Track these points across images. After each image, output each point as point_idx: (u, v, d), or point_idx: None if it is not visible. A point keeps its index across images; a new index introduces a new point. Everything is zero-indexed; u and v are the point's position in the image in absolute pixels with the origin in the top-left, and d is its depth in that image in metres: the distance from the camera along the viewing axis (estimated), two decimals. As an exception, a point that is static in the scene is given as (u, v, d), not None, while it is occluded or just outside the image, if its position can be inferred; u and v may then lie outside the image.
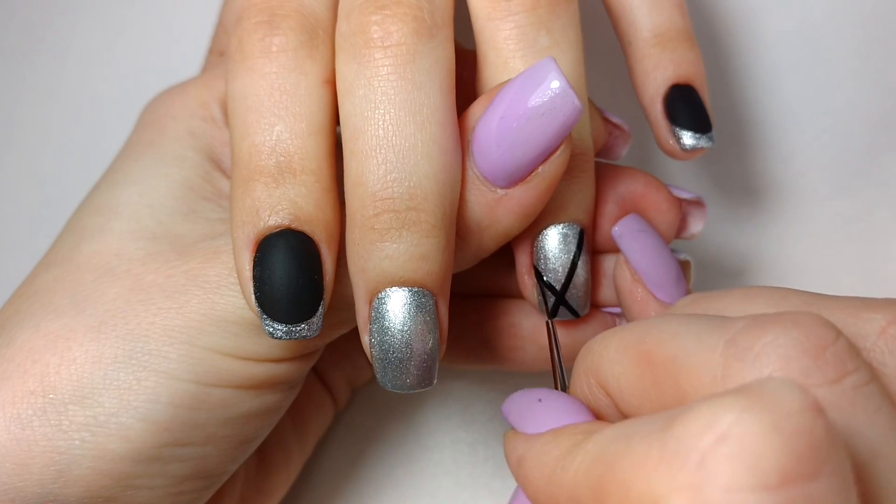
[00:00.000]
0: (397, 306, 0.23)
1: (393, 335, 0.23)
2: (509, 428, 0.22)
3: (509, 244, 0.27)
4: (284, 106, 0.24)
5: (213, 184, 0.28)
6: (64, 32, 0.38)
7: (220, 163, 0.28)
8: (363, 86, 0.23)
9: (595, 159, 0.27)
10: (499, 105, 0.24)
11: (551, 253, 0.26)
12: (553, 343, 0.26)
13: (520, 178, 0.24)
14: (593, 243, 0.28)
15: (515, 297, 0.30)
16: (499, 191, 0.24)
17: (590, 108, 0.28)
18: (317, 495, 0.34)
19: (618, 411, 0.21)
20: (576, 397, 0.22)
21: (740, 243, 0.36)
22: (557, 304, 0.27)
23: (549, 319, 0.27)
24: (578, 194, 0.26)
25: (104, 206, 0.27)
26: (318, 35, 0.25)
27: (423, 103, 0.23)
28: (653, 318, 0.20)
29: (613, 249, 0.28)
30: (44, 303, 0.25)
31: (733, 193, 0.36)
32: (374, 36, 0.23)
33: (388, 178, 0.23)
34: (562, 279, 0.26)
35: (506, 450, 0.22)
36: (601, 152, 0.29)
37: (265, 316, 0.23)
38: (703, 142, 0.28)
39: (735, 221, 0.36)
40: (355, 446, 0.35)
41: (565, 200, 0.26)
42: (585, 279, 0.27)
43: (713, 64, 0.34)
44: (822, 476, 0.15)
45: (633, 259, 0.27)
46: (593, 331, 0.28)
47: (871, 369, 0.18)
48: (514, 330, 0.30)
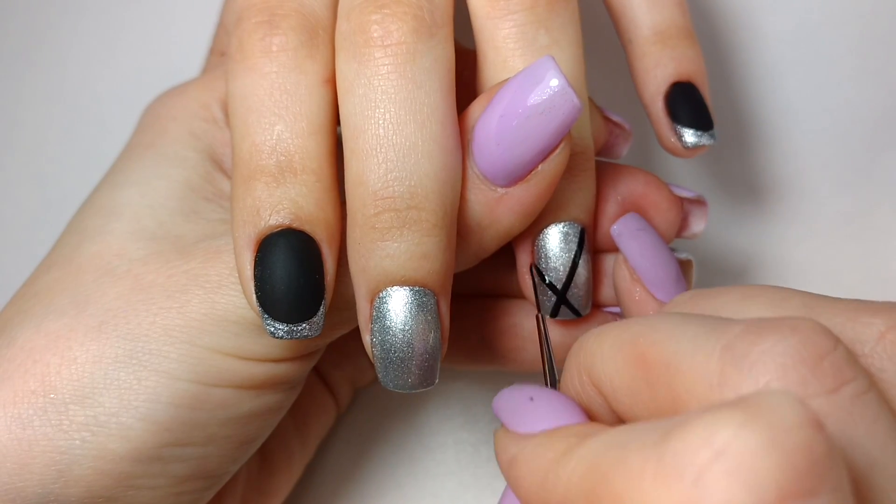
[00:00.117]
0: (398, 305, 0.23)
1: (394, 334, 0.23)
2: (499, 429, 0.22)
3: (510, 244, 0.27)
4: (285, 105, 0.24)
5: (214, 184, 0.28)
6: (64, 33, 0.38)
7: (221, 163, 0.28)
8: (363, 85, 0.23)
9: (596, 158, 0.27)
10: (498, 104, 0.24)
11: (552, 252, 0.26)
12: (543, 338, 0.26)
13: (520, 176, 0.24)
14: (594, 242, 0.28)
15: (517, 297, 0.30)
16: (499, 190, 0.24)
17: (590, 106, 0.27)
18: (319, 496, 0.34)
19: (610, 410, 0.21)
20: (568, 395, 0.22)
21: (741, 242, 0.36)
22: (559, 304, 0.27)
23: (540, 314, 0.27)
24: (579, 193, 0.26)
25: (105, 207, 0.27)
26: (319, 34, 0.25)
27: (423, 102, 0.23)
28: (648, 317, 0.20)
29: (614, 249, 0.28)
30: (45, 303, 0.25)
31: (734, 192, 0.36)
32: (375, 35, 0.23)
33: (389, 177, 0.23)
34: (563, 278, 0.26)
35: (496, 448, 0.21)
36: (602, 151, 0.29)
37: (266, 315, 0.23)
38: (705, 139, 0.28)
39: (736, 220, 0.36)
40: (357, 447, 0.35)
41: (566, 199, 0.26)
42: (587, 278, 0.27)
43: (714, 62, 0.34)
44: (820, 493, 0.15)
45: (632, 258, 0.27)
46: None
47: (870, 376, 0.18)
48: (515, 330, 0.30)
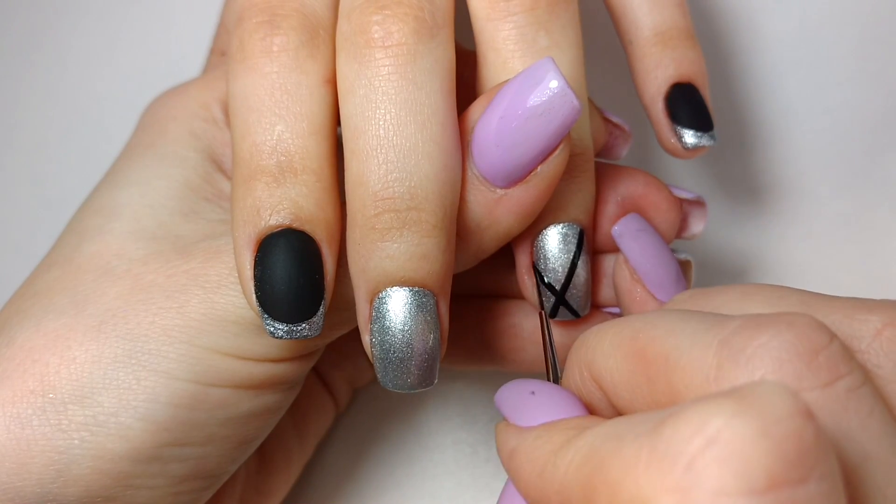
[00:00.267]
0: (398, 306, 0.23)
1: (394, 335, 0.23)
2: (501, 423, 0.22)
3: (510, 245, 0.27)
4: (285, 105, 0.24)
5: (213, 185, 0.28)
6: (64, 33, 0.38)
7: (221, 164, 0.28)
8: (364, 85, 0.23)
9: (595, 159, 0.27)
10: (498, 105, 0.24)
11: (551, 253, 0.26)
12: (546, 334, 0.26)
13: (519, 177, 0.24)
14: (594, 243, 0.28)
15: (516, 297, 0.30)
16: (498, 191, 0.24)
17: (590, 107, 0.28)
18: (317, 496, 0.34)
19: (610, 405, 0.21)
20: (569, 390, 0.22)
21: (741, 243, 0.36)
22: (557, 305, 0.27)
23: (542, 310, 0.27)
24: (578, 194, 0.26)
25: (105, 207, 0.27)
26: (319, 35, 0.25)
27: (423, 103, 0.23)
28: (648, 314, 0.20)
29: (614, 249, 0.28)
30: (44, 303, 0.25)
31: (734, 193, 0.36)
32: (375, 36, 0.23)
33: (389, 178, 0.23)
34: (562, 279, 0.26)
35: (497, 441, 0.22)
36: (601, 152, 0.29)
37: (266, 315, 0.23)
38: (705, 140, 0.28)
39: (736, 221, 0.36)
40: (356, 447, 0.35)
41: (565, 200, 0.26)
42: (586, 279, 0.27)
43: (714, 63, 0.34)
44: (810, 480, 0.15)
45: (633, 259, 0.27)
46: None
47: (865, 371, 0.18)
48: (514, 331, 0.30)
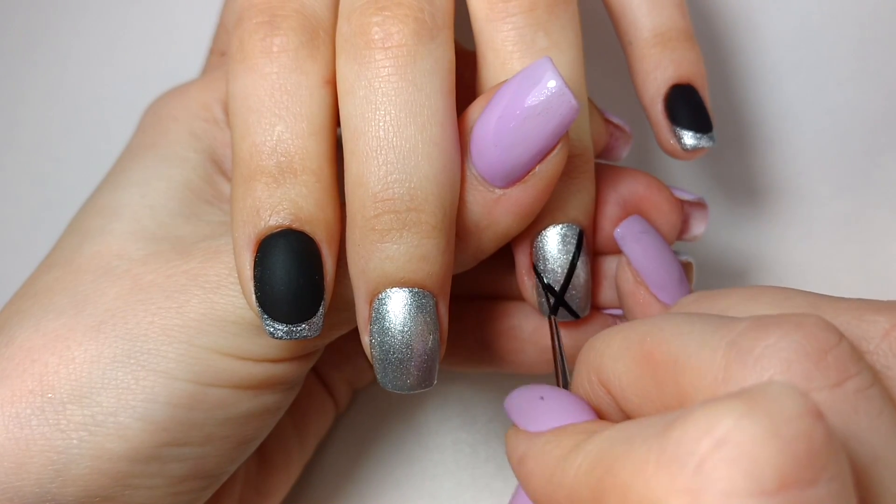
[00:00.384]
0: (398, 307, 0.23)
1: (393, 336, 0.23)
2: (510, 429, 0.22)
3: (509, 245, 0.27)
4: (285, 106, 0.24)
5: (214, 186, 0.28)
6: (64, 33, 0.38)
7: (222, 164, 0.28)
8: (364, 87, 0.23)
9: (596, 160, 0.27)
10: (496, 105, 0.24)
11: (550, 253, 0.26)
12: (555, 340, 0.26)
13: (517, 177, 0.24)
14: (594, 245, 0.28)
15: (516, 298, 0.30)
16: (497, 191, 0.24)
17: (590, 108, 0.28)
18: (317, 496, 0.34)
19: (619, 409, 0.21)
20: (578, 395, 0.22)
21: (741, 244, 0.36)
22: (557, 305, 0.27)
23: (552, 316, 0.27)
24: (578, 195, 0.26)
25: (106, 208, 0.27)
26: (319, 35, 0.25)
27: (423, 104, 0.23)
28: (655, 317, 0.20)
29: (615, 251, 0.28)
30: (44, 303, 0.25)
31: (734, 194, 0.36)
32: (375, 37, 0.23)
33: (389, 179, 0.23)
34: (561, 280, 0.26)
35: (507, 447, 0.22)
36: (602, 153, 0.29)
37: (266, 316, 0.23)
38: (704, 142, 0.28)
39: (736, 222, 0.36)
40: (356, 447, 0.35)
41: (564, 201, 0.26)
42: (585, 280, 0.27)
43: (713, 64, 0.34)
44: (820, 481, 0.15)
45: (636, 261, 0.27)
46: (594, 333, 0.28)
47: (874, 372, 0.18)
48: (514, 332, 0.30)
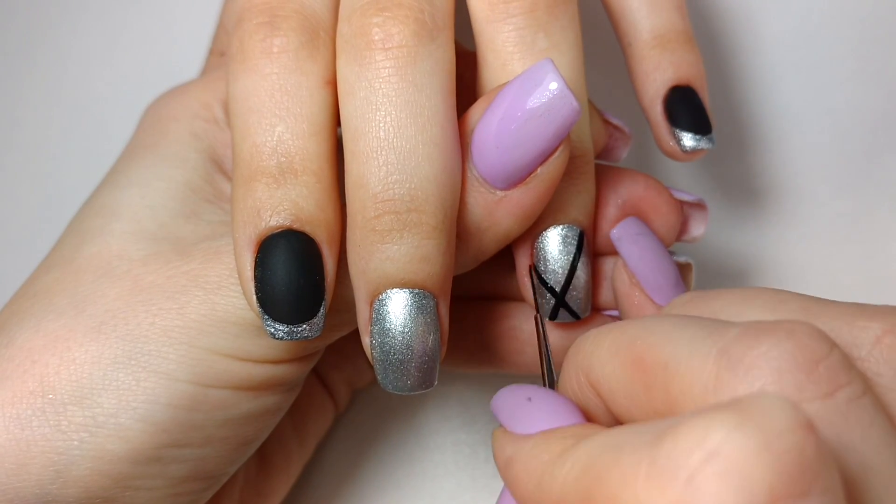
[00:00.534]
0: (398, 308, 0.23)
1: (394, 336, 0.23)
2: (497, 429, 0.22)
3: (510, 246, 0.27)
4: (286, 106, 0.24)
5: (214, 186, 0.28)
6: (64, 33, 0.38)
7: (222, 164, 0.28)
8: (364, 87, 0.23)
9: (595, 161, 0.27)
10: (498, 107, 0.24)
11: (551, 255, 0.26)
12: (542, 338, 0.26)
13: (519, 179, 0.24)
14: (594, 245, 0.28)
15: (516, 299, 0.30)
16: (498, 192, 0.24)
17: (590, 109, 0.27)
18: (317, 497, 0.34)
19: (607, 411, 0.21)
20: (565, 396, 0.22)
21: (741, 244, 0.36)
22: (557, 307, 0.27)
23: (537, 314, 0.27)
24: (578, 196, 0.26)
25: (106, 208, 0.27)
26: (319, 36, 0.25)
27: (423, 105, 0.23)
28: (646, 319, 0.20)
29: (614, 252, 0.28)
30: (44, 303, 0.25)
31: (733, 195, 0.36)
32: (376, 38, 0.23)
33: (390, 180, 0.23)
34: (562, 281, 0.26)
35: (494, 449, 0.21)
36: (601, 154, 0.29)
37: (266, 316, 0.23)
38: (704, 143, 0.28)
39: (735, 223, 0.36)
40: (356, 448, 0.35)
41: (565, 202, 0.26)
42: (586, 281, 0.27)
43: (713, 65, 0.34)
44: (811, 495, 0.15)
45: (632, 263, 0.27)
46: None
47: (866, 380, 0.18)
48: (514, 333, 0.30)
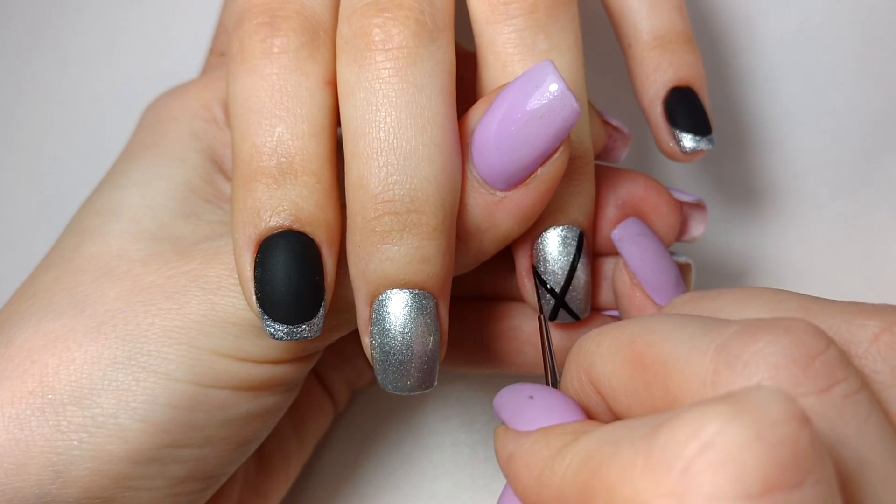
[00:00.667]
0: (398, 308, 0.23)
1: (394, 337, 0.23)
2: (499, 427, 0.22)
3: (510, 247, 0.27)
4: (286, 107, 0.24)
5: (214, 186, 0.28)
6: (64, 33, 0.38)
7: (222, 164, 0.28)
8: (364, 88, 0.23)
9: (595, 162, 0.27)
10: (498, 108, 0.24)
11: (551, 255, 0.26)
12: (545, 338, 0.26)
13: (519, 180, 0.24)
14: (594, 246, 0.28)
15: (516, 300, 0.30)
16: (498, 193, 0.24)
17: (589, 110, 0.28)
18: (316, 497, 0.34)
19: (609, 409, 0.21)
20: (567, 395, 0.22)
21: (740, 245, 0.36)
22: (557, 307, 0.27)
23: (541, 314, 0.27)
24: (578, 197, 0.26)
25: (105, 208, 0.27)
26: (320, 36, 0.25)
27: (424, 106, 0.23)
28: (646, 318, 0.20)
29: (614, 252, 0.28)
30: (43, 303, 0.25)
31: (733, 195, 0.36)
32: (376, 38, 0.23)
33: (390, 181, 0.23)
34: (561, 281, 0.26)
35: (496, 446, 0.22)
36: (601, 155, 0.29)
37: (266, 317, 0.23)
38: (703, 144, 0.28)
39: (735, 223, 0.36)
40: (355, 448, 0.35)
41: (565, 203, 0.26)
42: (586, 282, 0.27)
43: (713, 66, 0.34)
44: (805, 485, 0.15)
45: (632, 263, 0.27)
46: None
47: (863, 377, 0.18)
48: (514, 333, 0.30)
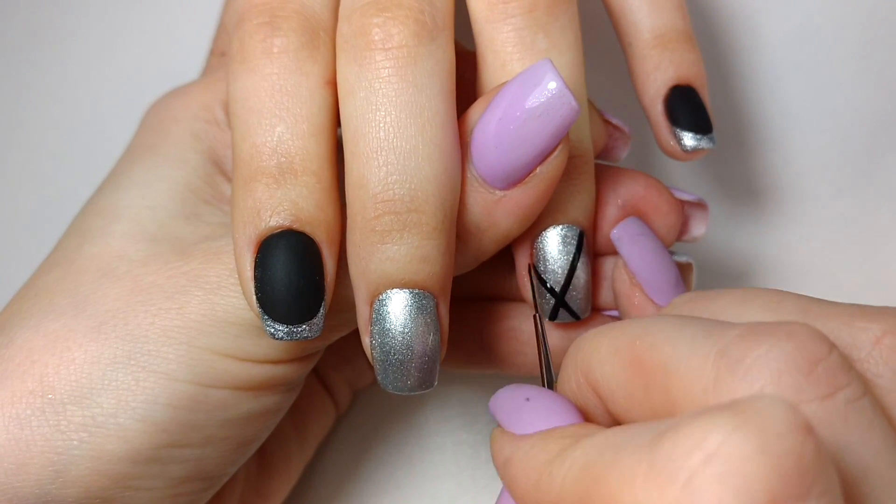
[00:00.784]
0: (398, 308, 0.23)
1: (394, 337, 0.23)
2: (495, 429, 0.22)
3: (510, 247, 0.27)
4: (286, 107, 0.24)
5: (214, 187, 0.28)
6: (65, 34, 0.38)
7: (223, 165, 0.28)
8: (364, 88, 0.23)
9: (595, 161, 0.27)
10: (497, 107, 0.24)
11: (551, 255, 0.26)
12: (540, 338, 0.26)
13: (518, 179, 0.24)
14: (594, 246, 0.28)
15: (516, 300, 0.30)
16: (497, 192, 0.24)
17: (590, 109, 0.27)
18: (318, 498, 0.34)
19: (606, 411, 0.21)
20: (564, 396, 0.22)
21: (741, 245, 0.36)
22: (557, 307, 0.27)
23: (536, 313, 0.27)
24: (578, 196, 0.26)
25: (106, 209, 0.27)
26: (320, 36, 0.25)
27: (423, 105, 0.23)
28: (646, 318, 0.20)
29: (614, 252, 0.28)
30: (44, 303, 0.25)
31: (734, 195, 0.36)
32: (376, 38, 0.23)
33: (390, 180, 0.23)
34: (561, 281, 0.26)
35: (492, 449, 0.21)
36: (601, 154, 0.29)
37: (266, 317, 0.23)
38: (704, 143, 0.28)
39: (736, 223, 0.36)
40: (356, 448, 0.35)
41: (565, 202, 0.26)
42: (586, 281, 0.27)
43: (714, 65, 0.34)
44: (809, 497, 0.15)
45: (632, 263, 0.27)
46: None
47: (865, 381, 0.18)
48: (514, 333, 0.30)
